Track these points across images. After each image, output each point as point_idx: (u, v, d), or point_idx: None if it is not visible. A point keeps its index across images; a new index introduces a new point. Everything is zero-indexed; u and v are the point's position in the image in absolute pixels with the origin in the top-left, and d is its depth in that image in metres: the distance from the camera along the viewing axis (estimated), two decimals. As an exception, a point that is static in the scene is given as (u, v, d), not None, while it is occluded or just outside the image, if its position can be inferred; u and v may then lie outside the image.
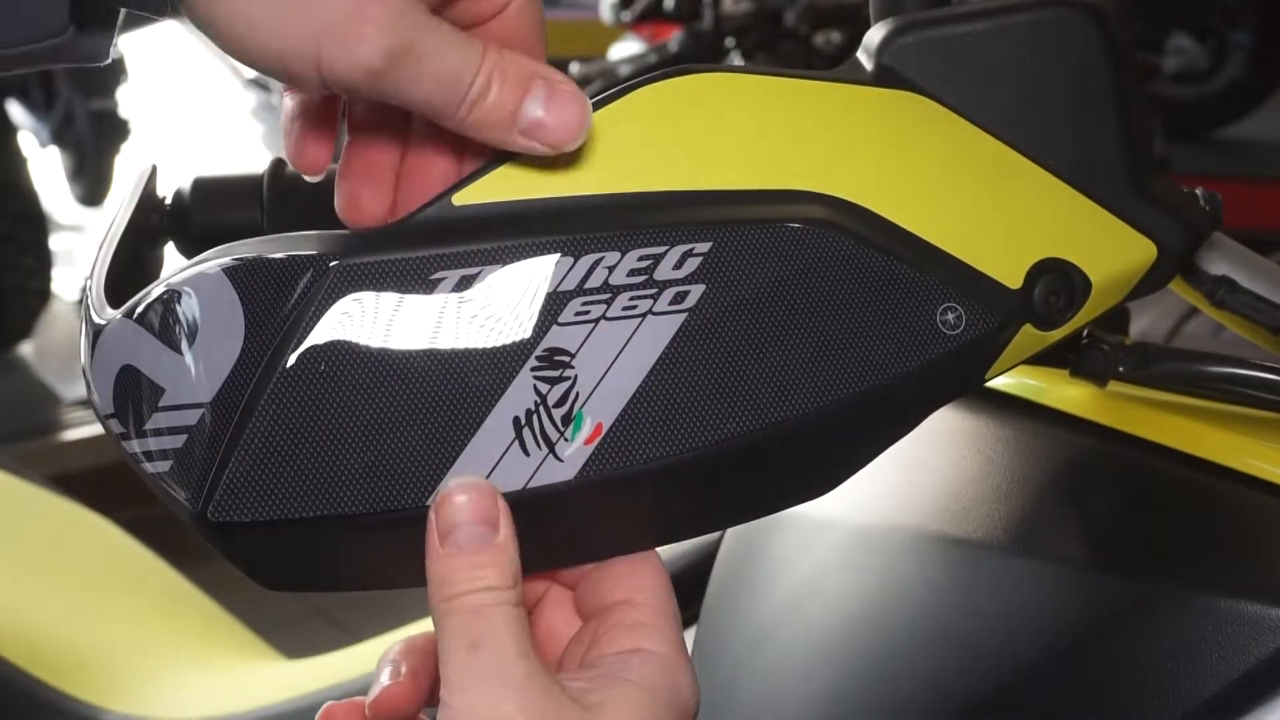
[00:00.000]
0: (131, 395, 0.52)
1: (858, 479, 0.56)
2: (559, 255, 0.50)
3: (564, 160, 0.52)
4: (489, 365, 0.50)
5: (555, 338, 0.50)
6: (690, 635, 0.85)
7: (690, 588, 0.90)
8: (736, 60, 2.93)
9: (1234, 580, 0.61)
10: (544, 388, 0.50)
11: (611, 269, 0.50)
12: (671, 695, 0.51)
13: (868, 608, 0.72)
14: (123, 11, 0.50)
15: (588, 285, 0.50)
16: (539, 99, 0.50)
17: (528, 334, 0.50)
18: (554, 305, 0.50)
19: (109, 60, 0.51)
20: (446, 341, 0.50)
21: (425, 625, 1.05)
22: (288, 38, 0.48)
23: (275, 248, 0.51)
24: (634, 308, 0.50)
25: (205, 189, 0.61)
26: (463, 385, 0.50)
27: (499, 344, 0.50)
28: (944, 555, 0.69)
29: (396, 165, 0.54)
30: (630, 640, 0.52)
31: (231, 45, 0.49)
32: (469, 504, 0.49)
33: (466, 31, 0.51)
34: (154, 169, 0.63)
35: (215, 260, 0.51)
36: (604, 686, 0.50)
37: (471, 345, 0.50)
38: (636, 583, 0.54)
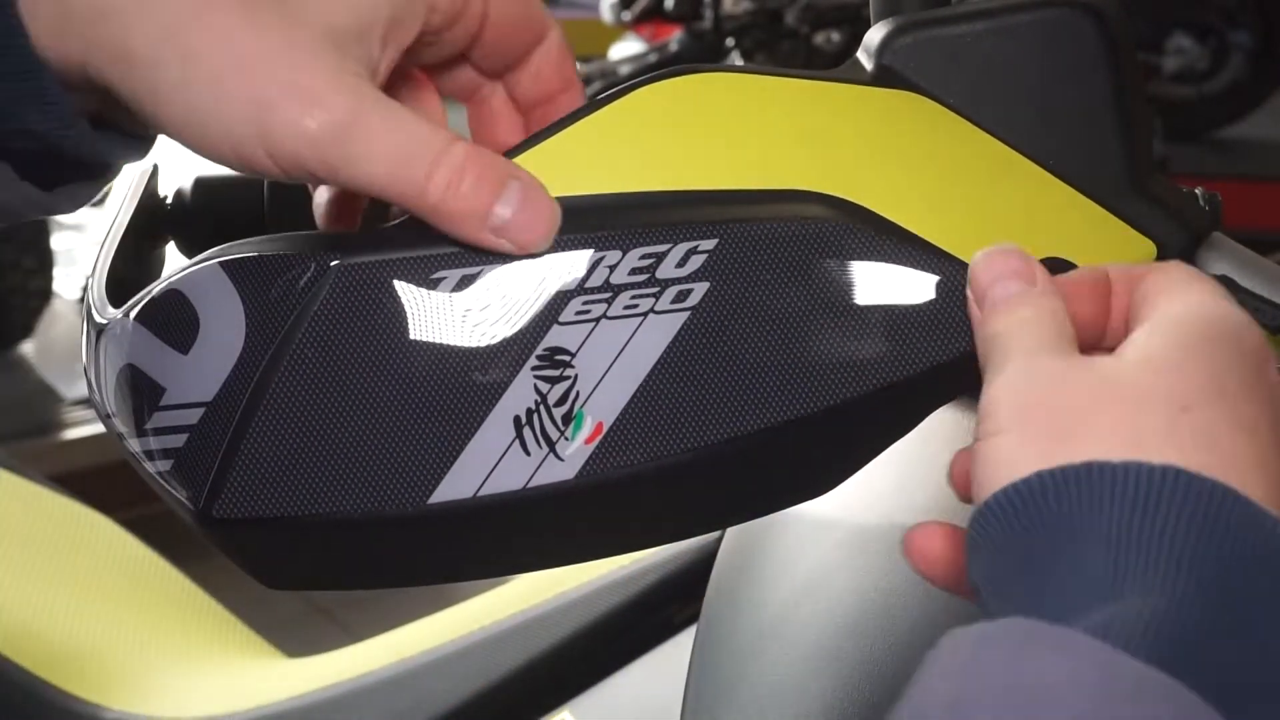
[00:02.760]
0: (133, 394, 0.52)
1: (858, 479, 0.56)
2: (560, 254, 0.50)
3: (566, 161, 0.52)
4: (490, 364, 0.50)
5: (556, 337, 0.50)
6: (690, 635, 0.85)
7: (690, 588, 0.90)
8: (736, 60, 2.94)
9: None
10: (544, 387, 0.50)
11: (613, 268, 0.50)
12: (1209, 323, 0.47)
13: (868, 608, 0.72)
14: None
15: (589, 284, 0.50)
16: (512, 200, 0.49)
17: (528, 333, 0.50)
18: (555, 304, 0.50)
19: (92, 203, 0.51)
20: (447, 341, 0.50)
21: (425, 624, 1.05)
22: (231, 118, 0.46)
23: (276, 247, 0.51)
24: (635, 307, 0.50)
25: (206, 188, 0.61)
26: (463, 384, 0.50)
27: (499, 343, 0.50)
28: (944, 554, 0.69)
29: None
30: None
31: (186, 136, 0.48)
32: (998, 263, 0.49)
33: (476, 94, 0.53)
34: (155, 168, 0.63)
35: (216, 259, 0.51)
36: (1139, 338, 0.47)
37: (472, 344, 0.50)
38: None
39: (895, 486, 0.74)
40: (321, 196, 0.57)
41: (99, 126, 0.49)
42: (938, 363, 0.53)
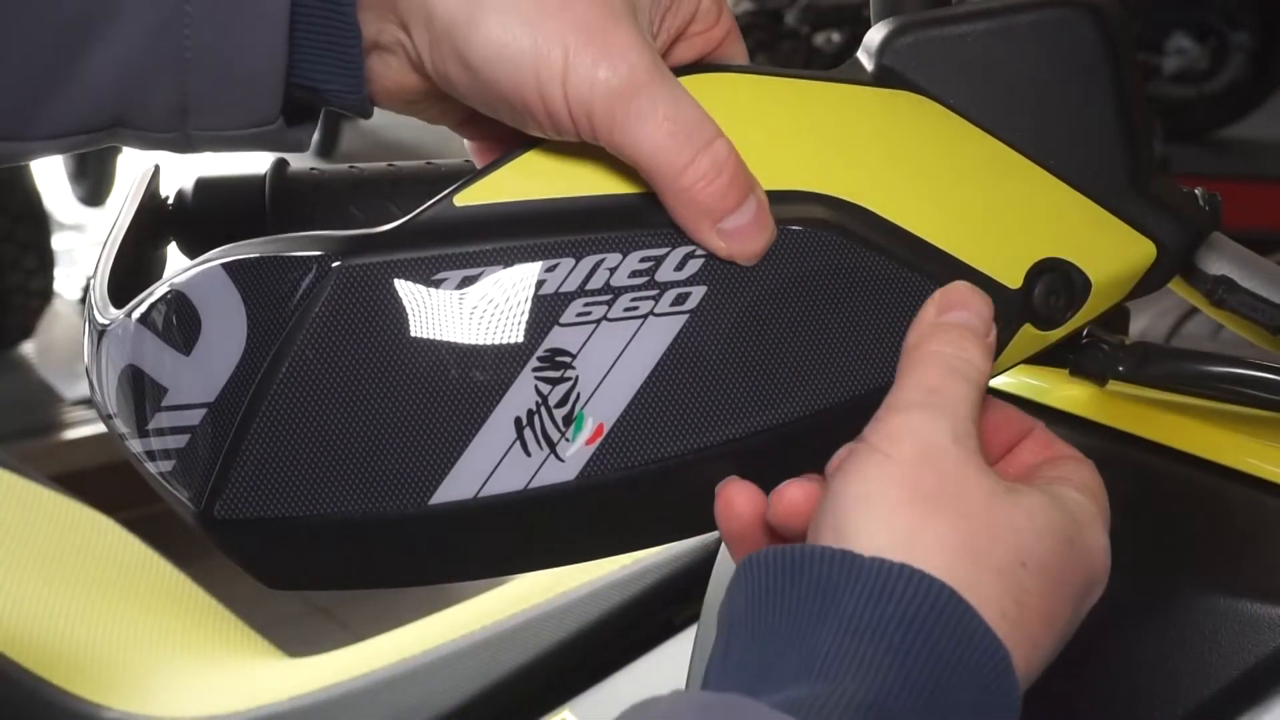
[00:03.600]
0: (135, 395, 0.52)
1: (858, 478, 0.56)
2: (561, 256, 0.50)
3: (566, 161, 0.52)
4: (491, 365, 0.50)
5: (557, 338, 0.50)
6: (690, 635, 0.85)
7: (690, 588, 0.90)
8: (737, 60, 2.92)
9: (1234, 579, 0.61)
10: (545, 388, 0.50)
11: (613, 270, 0.51)
12: (1085, 528, 0.50)
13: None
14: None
15: (589, 286, 0.50)
16: (749, 211, 0.51)
17: (529, 334, 0.50)
18: (555, 306, 0.50)
19: (308, 149, 0.54)
20: (448, 341, 0.50)
21: (426, 624, 1.05)
22: (540, 57, 0.48)
23: (278, 248, 0.51)
24: (635, 309, 0.51)
25: (208, 189, 0.61)
26: (464, 385, 0.50)
27: (500, 344, 0.50)
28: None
29: None
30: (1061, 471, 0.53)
31: (491, 70, 0.49)
32: (976, 299, 0.52)
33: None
34: (156, 169, 0.63)
35: (218, 260, 0.51)
36: (1025, 488, 0.50)
37: (473, 345, 0.50)
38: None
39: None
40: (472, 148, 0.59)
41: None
42: None
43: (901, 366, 0.51)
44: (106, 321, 0.54)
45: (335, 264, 0.50)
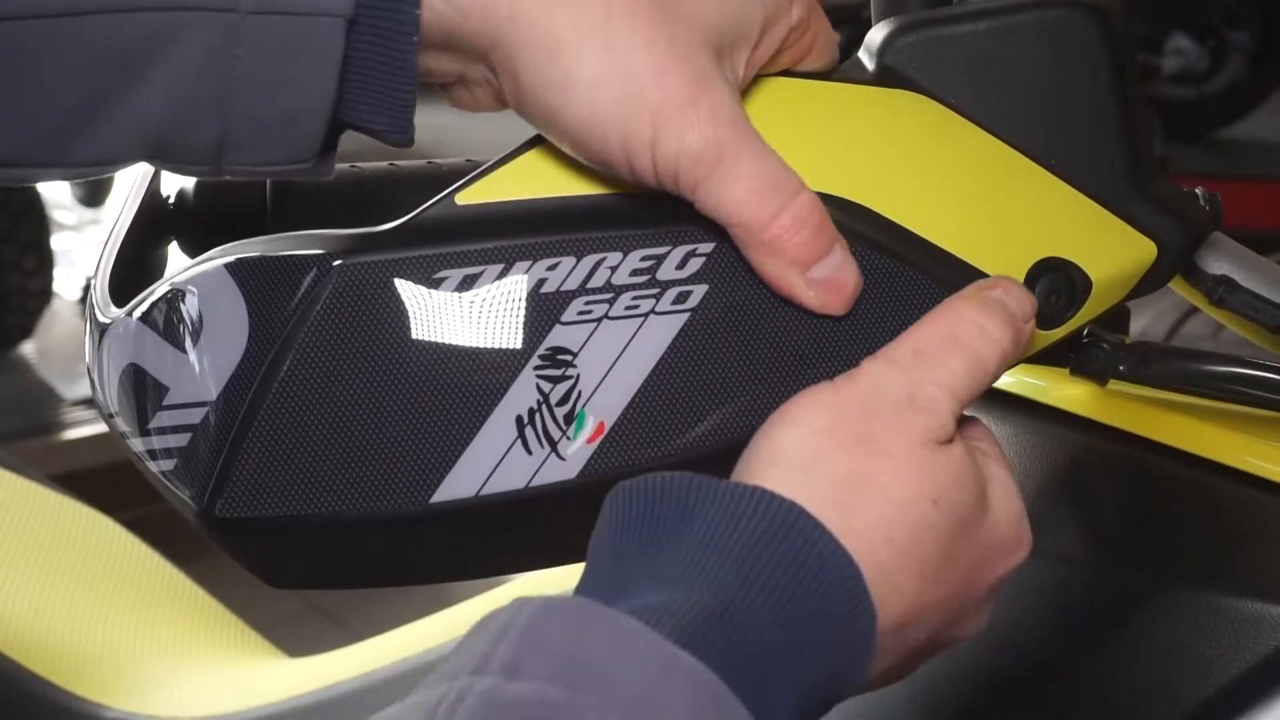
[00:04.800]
0: (136, 394, 0.52)
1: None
2: (562, 255, 0.50)
3: (567, 161, 0.52)
4: (492, 364, 0.50)
5: (558, 337, 0.50)
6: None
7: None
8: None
9: (1234, 578, 0.61)
10: (546, 386, 0.50)
11: (614, 269, 0.51)
12: (1000, 492, 0.51)
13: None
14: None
15: (590, 285, 0.50)
16: (836, 259, 0.51)
17: (530, 333, 0.50)
18: (556, 304, 0.50)
19: (331, 177, 0.53)
20: (449, 340, 0.50)
21: (426, 623, 1.05)
22: (631, 118, 0.48)
23: (279, 247, 0.51)
24: (636, 307, 0.51)
25: (208, 188, 0.61)
26: (465, 384, 0.50)
27: (501, 343, 0.50)
28: (944, 554, 0.69)
29: None
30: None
31: (579, 129, 0.49)
32: (1019, 290, 0.53)
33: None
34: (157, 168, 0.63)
35: (219, 259, 0.51)
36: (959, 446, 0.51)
37: (474, 344, 0.50)
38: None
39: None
40: None
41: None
42: None
43: (919, 320, 0.52)
44: (108, 320, 0.54)
45: (336, 263, 0.50)
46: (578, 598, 0.44)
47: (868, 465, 0.48)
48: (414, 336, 0.50)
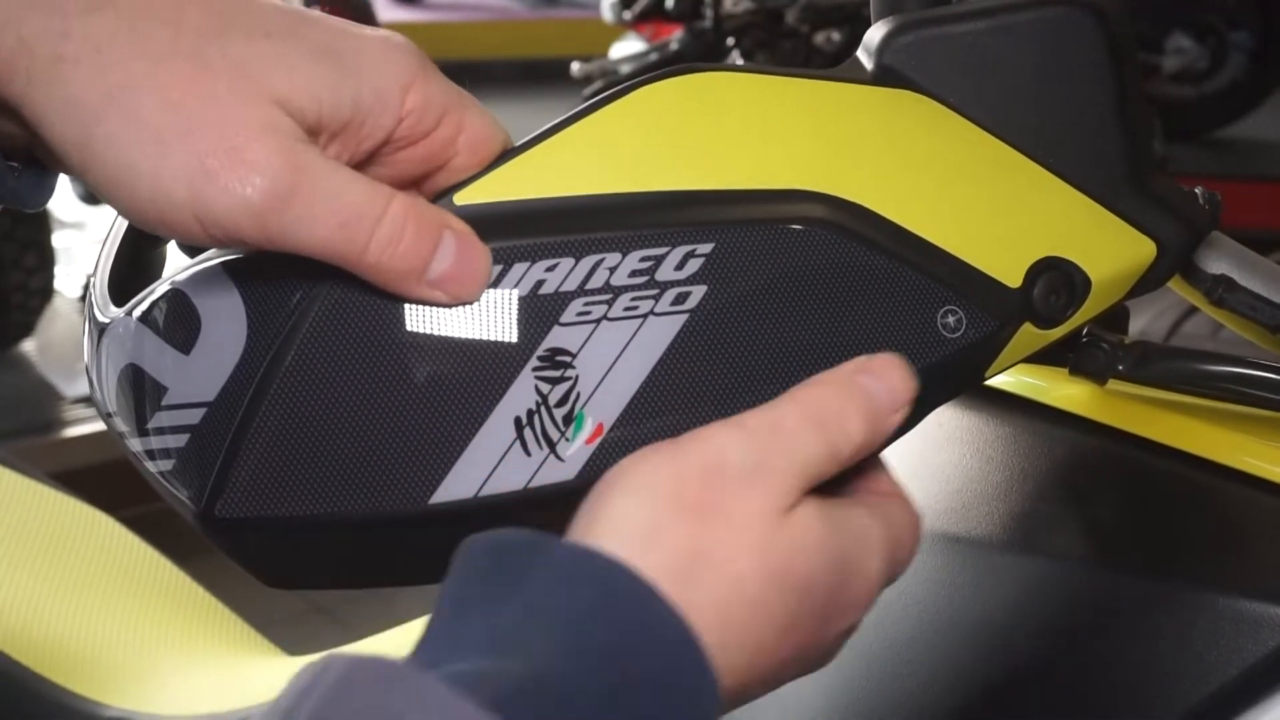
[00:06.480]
0: (135, 394, 0.52)
1: (858, 477, 0.56)
2: (560, 256, 0.50)
3: (566, 161, 0.52)
4: (490, 365, 0.50)
5: (556, 338, 0.50)
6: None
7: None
8: (737, 60, 2.93)
9: (1233, 578, 0.61)
10: (545, 388, 0.50)
11: (613, 270, 0.51)
12: (862, 550, 0.50)
13: (868, 606, 0.72)
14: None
15: (589, 286, 0.50)
16: (449, 250, 0.49)
17: (529, 334, 0.50)
18: (555, 305, 0.50)
19: (40, 207, 0.51)
20: (449, 340, 0.50)
21: (425, 623, 1.05)
22: (166, 182, 0.46)
23: (278, 246, 0.51)
24: (635, 308, 0.51)
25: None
26: (464, 384, 0.50)
27: (500, 343, 0.50)
28: (943, 553, 0.69)
29: None
30: None
31: (113, 193, 0.47)
32: (897, 374, 0.50)
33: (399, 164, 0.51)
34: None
35: (218, 259, 0.51)
36: (805, 507, 0.49)
37: (473, 344, 0.50)
38: None
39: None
40: None
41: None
42: (934, 362, 0.53)
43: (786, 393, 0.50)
44: (107, 320, 0.54)
45: (335, 263, 0.50)
46: (386, 659, 0.43)
47: (707, 537, 0.46)
48: (413, 337, 0.50)
